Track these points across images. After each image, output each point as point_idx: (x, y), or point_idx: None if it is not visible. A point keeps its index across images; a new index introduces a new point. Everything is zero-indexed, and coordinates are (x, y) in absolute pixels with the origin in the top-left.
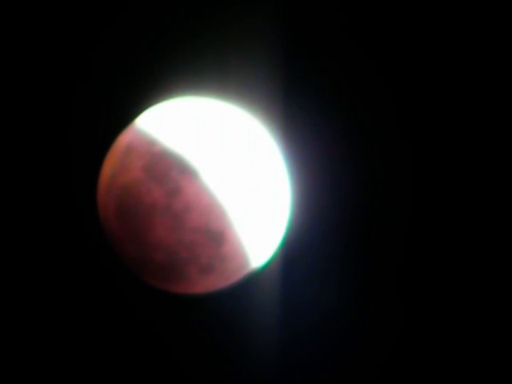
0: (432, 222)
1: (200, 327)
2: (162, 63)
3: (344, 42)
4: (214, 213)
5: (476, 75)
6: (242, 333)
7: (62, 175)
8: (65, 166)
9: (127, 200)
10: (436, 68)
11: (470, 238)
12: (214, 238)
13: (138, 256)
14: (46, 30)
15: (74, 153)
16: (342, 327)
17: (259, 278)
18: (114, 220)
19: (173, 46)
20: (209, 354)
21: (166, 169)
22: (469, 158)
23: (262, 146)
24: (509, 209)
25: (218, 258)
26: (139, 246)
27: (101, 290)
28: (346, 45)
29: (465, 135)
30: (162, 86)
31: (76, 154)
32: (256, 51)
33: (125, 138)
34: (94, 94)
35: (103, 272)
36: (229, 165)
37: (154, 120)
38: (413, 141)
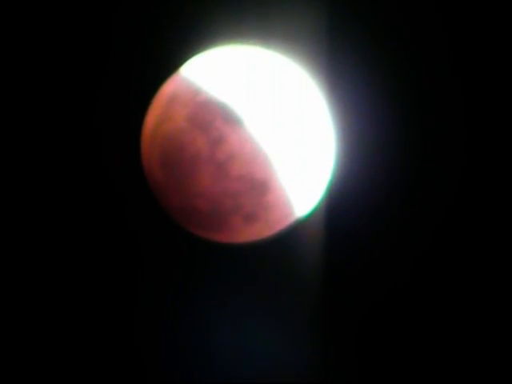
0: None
1: (243, 276)
2: (205, 11)
3: None
4: (257, 161)
5: None
6: (285, 282)
7: (106, 125)
8: (109, 116)
9: (171, 149)
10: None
11: None
12: (258, 186)
13: (181, 205)
14: None
15: (118, 102)
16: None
17: (304, 227)
18: (158, 169)
19: None
20: (251, 302)
21: (210, 118)
22: None
23: (306, 94)
24: None
25: (262, 206)
26: (183, 195)
27: (144, 240)
28: None
29: None
30: (206, 34)
31: (120, 103)
32: None
33: (169, 87)
34: (138, 44)
35: (147, 221)
36: (273, 113)
37: (198, 69)
38: (464, 94)
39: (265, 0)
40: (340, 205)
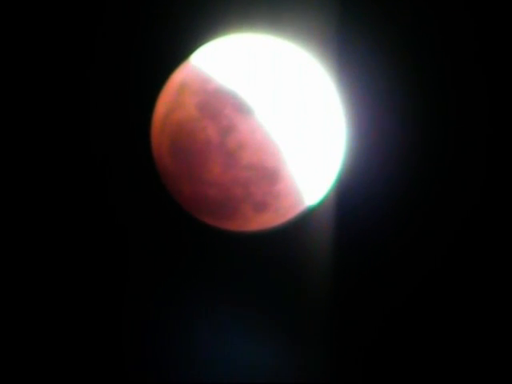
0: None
1: (254, 265)
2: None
3: None
4: (268, 150)
5: None
6: (295, 270)
7: (116, 113)
8: (119, 105)
9: (181, 138)
10: None
11: None
12: (268, 175)
13: (191, 194)
14: None
15: (128, 91)
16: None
17: (314, 216)
18: (168, 158)
19: None
20: (262, 290)
21: (220, 106)
22: None
23: (317, 82)
24: None
25: (272, 195)
26: (193, 183)
27: (155, 229)
28: None
29: None
30: (216, 22)
31: (130, 91)
32: None
33: (179, 75)
34: (149, 32)
35: (157, 210)
36: (283, 102)
37: (208, 57)
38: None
39: None
40: (350, 193)
